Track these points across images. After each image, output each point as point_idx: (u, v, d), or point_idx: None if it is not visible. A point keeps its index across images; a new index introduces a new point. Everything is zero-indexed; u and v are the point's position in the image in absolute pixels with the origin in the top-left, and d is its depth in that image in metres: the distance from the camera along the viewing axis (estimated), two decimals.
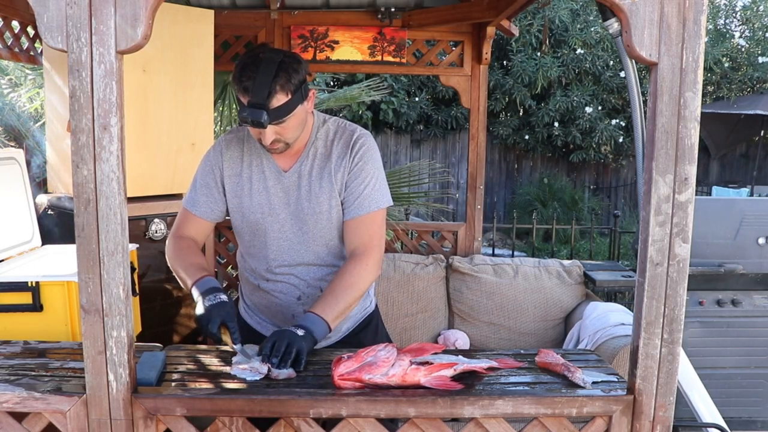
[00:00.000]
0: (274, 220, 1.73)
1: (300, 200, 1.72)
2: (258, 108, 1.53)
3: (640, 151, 1.80)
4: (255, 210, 1.74)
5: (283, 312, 1.80)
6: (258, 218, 1.74)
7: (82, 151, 1.23)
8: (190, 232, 1.80)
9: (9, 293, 1.88)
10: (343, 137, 1.74)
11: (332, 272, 1.76)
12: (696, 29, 1.24)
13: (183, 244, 1.76)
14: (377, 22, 3.37)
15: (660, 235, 1.29)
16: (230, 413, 1.31)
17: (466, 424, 1.34)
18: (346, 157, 1.71)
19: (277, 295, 1.79)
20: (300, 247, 1.75)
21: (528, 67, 8.90)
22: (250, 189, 1.74)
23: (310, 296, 1.77)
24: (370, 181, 1.71)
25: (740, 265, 2.78)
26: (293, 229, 1.74)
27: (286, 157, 1.74)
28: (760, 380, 2.81)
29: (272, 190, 1.73)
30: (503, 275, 3.18)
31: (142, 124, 2.72)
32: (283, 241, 1.75)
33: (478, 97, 3.42)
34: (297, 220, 1.73)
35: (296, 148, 1.73)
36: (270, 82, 1.53)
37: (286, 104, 1.56)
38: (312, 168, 1.73)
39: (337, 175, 1.71)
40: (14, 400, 1.30)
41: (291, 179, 1.73)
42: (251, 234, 1.77)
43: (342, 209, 1.73)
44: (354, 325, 1.89)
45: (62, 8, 1.19)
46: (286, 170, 1.74)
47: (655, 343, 1.32)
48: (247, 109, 1.54)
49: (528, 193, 9.51)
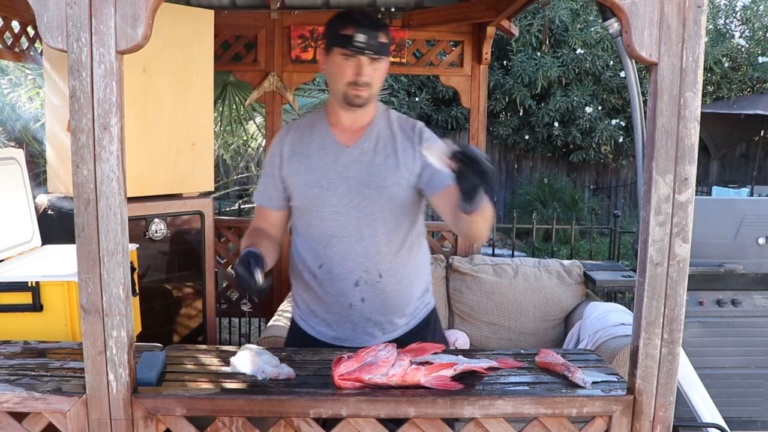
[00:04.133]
0: (332, 194, 1.73)
1: (360, 174, 1.73)
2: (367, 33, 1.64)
3: (640, 151, 1.80)
4: (313, 184, 1.75)
5: (340, 302, 1.76)
6: (316, 192, 1.74)
7: (82, 151, 1.23)
8: (264, 223, 1.85)
9: (9, 293, 1.88)
10: (407, 124, 1.81)
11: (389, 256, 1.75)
12: (696, 29, 1.24)
13: (252, 233, 1.81)
14: None
15: (660, 235, 1.29)
16: (230, 413, 1.31)
17: (466, 424, 1.34)
18: (413, 141, 1.76)
19: (335, 281, 1.76)
20: (358, 223, 1.73)
21: (528, 67, 8.90)
22: (309, 165, 1.76)
23: (368, 281, 1.74)
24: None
25: (740, 265, 2.78)
26: (352, 203, 1.73)
27: (348, 133, 1.77)
28: (760, 380, 2.81)
29: (332, 164, 1.75)
30: (503, 275, 3.18)
31: (142, 124, 2.72)
32: (341, 216, 1.73)
33: (478, 97, 3.43)
34: (356, 194, 1.73)
35: (360, 123, 1.77)
36: (376, 20, 1.70)
37: (386, 45, 1.69)
38: (376, 145, 1.76)
39: (405, 155, 1.74)
40: (14, 400, 1.30)
41: (353, 154, 1.75)
42: (310, 211, 1.77)
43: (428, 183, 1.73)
44: (416, 323, 1.85)
45: (62, 8, 1.19)
46: (348, 146, 1.76)
47: (655, 343, 1.32)
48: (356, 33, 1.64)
49: (528, 193, 9.51)
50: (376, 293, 1.75)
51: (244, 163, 5.87)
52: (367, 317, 1.77)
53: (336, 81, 1.71)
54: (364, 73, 1.66)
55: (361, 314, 1.76)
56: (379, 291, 1.75)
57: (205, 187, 3.06)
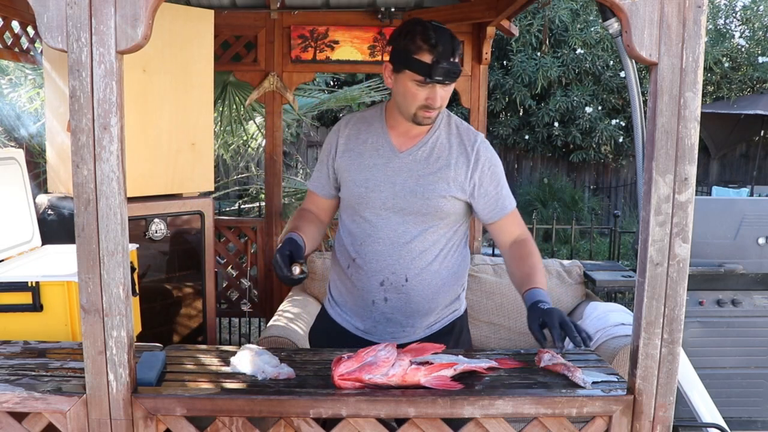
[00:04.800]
0: (376, 196, 1.74)
1: (409, 182, 1.73)
2: (446, 61, 1.59)
3: (640, 151, 1.80)
4: (360, 183, 1.76)
5: (364, 297, 1.78)
6: (361, 192, 1.76)
7: (82, 151, 1.23)
8: (312, 206, 1.90)
9: (9, 293, 1.88)
10: (467, 136, 1.78)
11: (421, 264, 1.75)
12: (696, 29, 1.24)
13: (299, 215, 1.87)
14: (377, 22, 3.37)
15: (660, 235, 1.29)
16: (230, 413, 1.31)
17: (466, 424, 1.34)
18: (468, 155, 1.74)
19: (362, 276, 1.78)
20: (397, 227, 1.74)
21: (528, 67, 8.90)
22: (360, 163, 1.77)
23: (393, 284, 1.75)
24: (502, 183, 1.78)
25: (740, 265, 2.78)
26: (394, 209, 1.74)
27: (404, 138, 1.77)
28: (760, 380, 2.81)
29: (382, 167, 1.75)
30: (503, 275, 3.18)
31: (142, 124, 2.72)
32: (381, 219, 1.75)
33: (478, 97, 3.43)
34: (399, 199, 1.73)
35: (419, 130, 1.76)
36: (452, 40, 1.62)
37: (459, 67, 1.65)
38: (430, 155, 1.74)
39: (458, 168, 1.73)
40: (14, 400, 1.30)
41: (404, 160, 1.75)
42: (353, 209, 1.79)
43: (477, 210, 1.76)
44: (440, 327, 1.84)
45: (62, 8, 1.19)
46: (402, 151, 1.76)
47: (655, 343, 1.32)
48: (435, 63, 1.59)
49: (528, 193, 9.50)
50: (399, 296, 1.76)
51: (244, 163, 5.87)
52: (388, 317, 1.79)
53: (406, 101, 1.67)
54: (438, 98, 1.64)
55: (382, 313, 1.78)
56: (404, 294, 1.76)
57: (205, 187, 3.07)
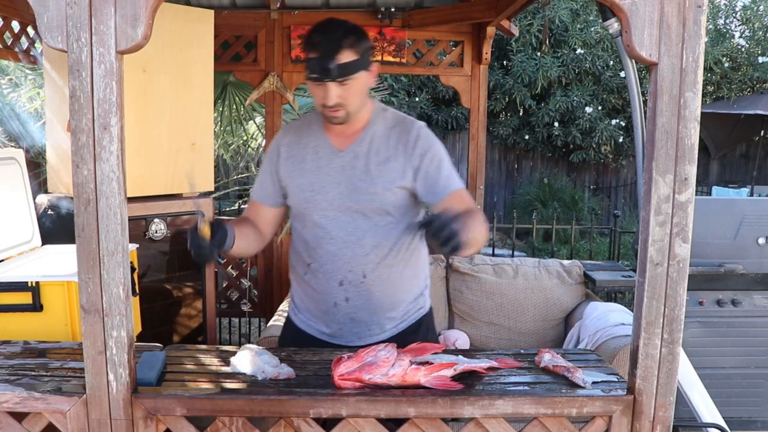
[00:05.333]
0: (323, 198, 1.75)
1: (353, 179, 1.73)
2: (327, 59, 1.59)
3: (640, 151, 1.80)
4: (305, 187, 1.77)
5: (326, 300, 1.79)
6: (308, 195, 1.76)
7: (82, 151, 1.23)
8: (252, 216, 1.88)
9: (9, 293, 1.88)
10: (404, 125, 1.77)
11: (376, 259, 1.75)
12: (696, 29, 1.24)
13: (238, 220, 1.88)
14: (377, 22, 3.37)
15: (660, 235, 1.29)
16: (230, 413, 1.31)
17: (466, 424, 1.34)
18: (406, 144, 1.73)
19: (321, 279, 1.78)
20: (347, 226, 1.75)
21: (528, 67, 8.90)
22: (302, 168, 1.78)
23: (352, 282, 1.76)
24: (444, 167, 1.74)
25: (740, 265, 2.78)
26: (341, 208, 1.74)
27: (342, 137, 1.77)
28: (760, 380, 2.81)
29: (324, 168, 1.76)
30: (503, 275, 3.18)
31: (142, 124, 2.72)
32: (330, 220, 1.75)
33: (478, 97, 3.43)
34: (347, 198, 1.74)
35: (355, 128, 1.76)
36: (340, 38, 1.61)
37: (354, 63, 1.62)
38: (369, 150, 1.74)
39: (397, 160, 1.73)
40: (14, 400, 1.30)
41: (346, 159, 1.75)
42: (302, 213, 1.80)
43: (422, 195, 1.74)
44: (406, 326, 1.85)
45: (62, 8, 1.19)
46: (341, 150, 1.76)
47: (655, 343, 1.32)
48: (315, 60, 1.60)
49: (528, 193, 9.51)
50: (360, 293, 1.76)
51: (244, 163, 5.87)
52: (351, 317, 1.79)
53: (314, 101, 1.72)
54: (331, 97, 1.64)
55: (345, 313, 1.78)
56: (364, 291, 1.76)
57: (205, 187, 3.06)
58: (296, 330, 1.88)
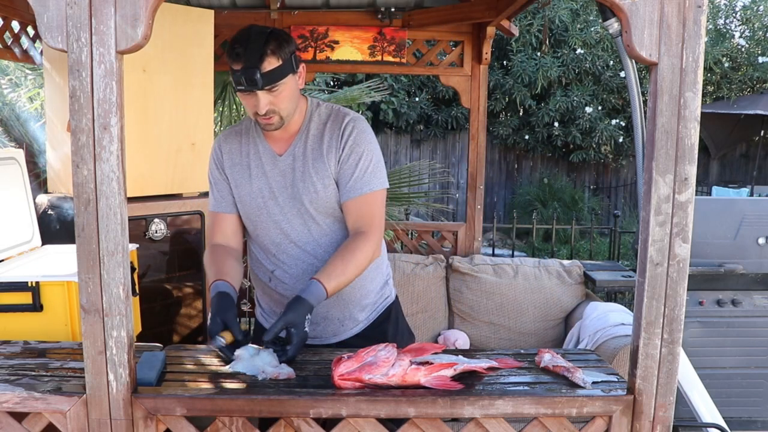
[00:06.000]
0: (275, 204, 1.75)
1: (296, 182, 1.74)
2: (251, 69, 1.57)
3: (640, 151, 1.80)
4: (256, 195, 1.77)
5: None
6: (260, 203, 1.76)
7: (82, 151, 1.23)
8: (222, 236, 1.82)
9: (9, 293, 1.88)
10: (336, 120, 1.76)
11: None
12: (696, 29, 1.24)
13: (215, 253, 1.78)
14: (377, 22, 3.37)
15: (660, 235, 1.29)
16: (230, 413, 1.31)
17: (466, 424, 1.34)
18: (336, 139, 1.73)
19: (288, 284, 1.79)
20: (301, 228, 1.76)
21: (528, 67, 8.90)
22: (249, 175, 1.77)
23: None
24: (362, 163, 1.72)
25: (740, 265, 2.78)
26: (293, 211, 1.75)
27: (280, 142, 1.76)
28: (760, 380, 2.81)
29: (270, 174, 1.76)
30: (503, 275, 3.18)
31: (142, 124, 2.72)
32: (285, 224, 1.76)
33: (478, 97, 3.42)
34: (295, 201, 1.74)
35: (291, 131, 1.75)
36: (261, 46, 1.59)
37: (279, 69, 1.60)
38: (305, 150, 1.74)
39: (329, 156, 1.72)
40: (14, 400, 1.30)
41: (286, 162, 1.75)
42: (255, 221, 1.79)
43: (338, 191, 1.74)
44: (376, 316, 1.88)
45: (62, 8, 1.19)
46: (281, 154, 1.76)
47: (655, 343, 1.32)
48: (240, 71, 1.58)
49: (528, 193, 9.51)
50: None
51: None
52: (324, 315, 1.81)
53: (246, 110, 1.71)
54: (262, 106, 1.63)
55: (317, 313, 1.78)
56: None
57: (205, 187, 3.05)
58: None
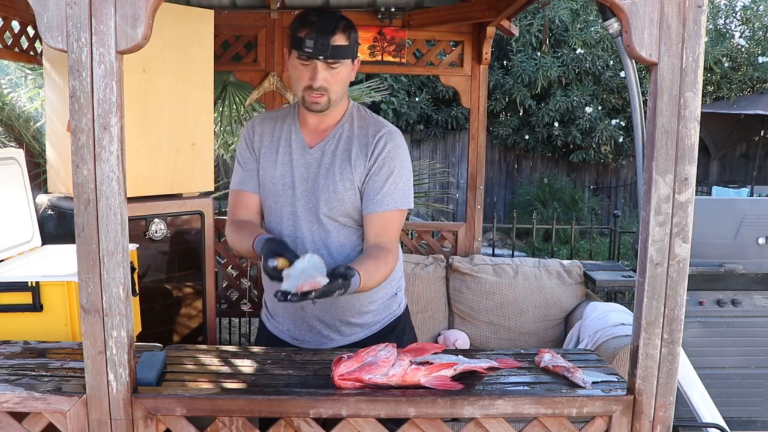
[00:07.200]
0: (291, 194, 1.74)
1: (317, 177, 1.73)
2: (322, 36, 1.59)
3: (640, 151, 1.80)
4: (277, 181, 1.76)
5: (294, 305, 1.77)
6: (279, 189, 1.76)
7: (82, 151, 1.23)
8: (246, 213, 1.80)
9: (9, 293, 1.88)
10: (372, 128, 1.75)
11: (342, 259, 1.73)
12: (696, 29, 1.24)
13: (242, 225, 1.76)
14: (377, 22, 3.37)
15: (660, 235, 1.29)
16: (230, 413, 1.31)
17: (466, 424, 1.34)
18: (368, 148, 1.71)
19: None
20: (311, 225, 1.74)
21: (528, 67, 8.90)
22: (275, 160, 1.77)
23: None
24: (393, 178, 1.71)
25: (740, 265, 2.78)
26: (308, 205, 1.73)
27: (314, 133, 1.76)
28: (760, 380, 2.81)
29: (295, 163, 1.75)
30: (503, 275, 3.18)
31: (142, 124, 2.72)
32: (297, 216, 1.74)
33: (478, 97, 3.42)
34: (312, 196, 1.73)
35: (327, 123, 1.75)
36: (336, 20, 1.62)
37: (345, 48, 1.63)
38: (336, 148, 1.74)
39: (357, 162, 1.71)
40: (14, 400, 1.30)
41: (314, 156, 1.74)
42: (271, 207, 1.78)
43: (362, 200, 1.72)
44: (381, 328, 1.84)
45: (62, 8, 1.19)
46: (311, 146, 1.75)
47: (655, 343, 1.32)
48: (310, 36, 1.58)
49: (528, 193, 9.51)
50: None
51: None
52: (319, 318, 1.78)
53: (295, 84, 1.70)
54: (318, 78, 1.62)
55: (312, 315, 1.77)
56: None
57: (205, 187, 3.06)
58: (269, 335, 1.87)
